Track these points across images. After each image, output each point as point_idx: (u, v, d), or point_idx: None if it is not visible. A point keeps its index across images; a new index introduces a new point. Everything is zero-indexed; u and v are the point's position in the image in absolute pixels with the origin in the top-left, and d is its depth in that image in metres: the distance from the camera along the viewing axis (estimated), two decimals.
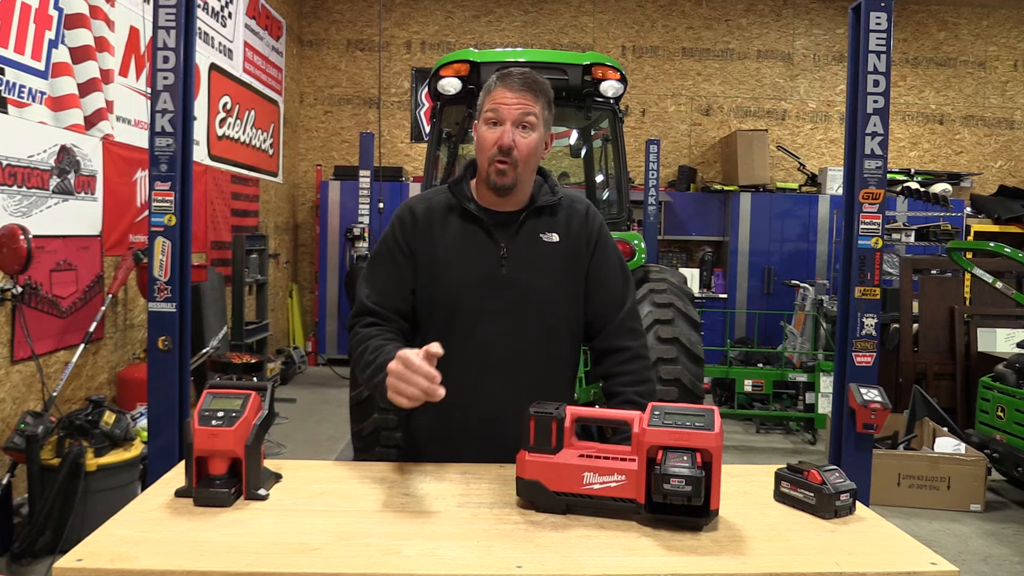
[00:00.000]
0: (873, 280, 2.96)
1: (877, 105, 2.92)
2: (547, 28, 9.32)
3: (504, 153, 1.76)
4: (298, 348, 8.65)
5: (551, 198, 1.89)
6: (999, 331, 6.02)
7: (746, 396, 6.34)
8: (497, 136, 1.77)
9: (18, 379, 3.91)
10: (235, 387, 1.53)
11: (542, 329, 1.85)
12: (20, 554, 3.41)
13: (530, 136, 1.79)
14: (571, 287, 1.89)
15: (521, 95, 1.78)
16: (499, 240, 1.84)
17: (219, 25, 6.61)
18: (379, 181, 7.77)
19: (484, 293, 1.82)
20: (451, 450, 1.83)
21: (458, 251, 1.84)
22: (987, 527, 4.38)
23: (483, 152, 1.80)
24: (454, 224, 1.86)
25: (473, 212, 1.85)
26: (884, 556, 1.32)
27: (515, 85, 1.78)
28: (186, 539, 1.30)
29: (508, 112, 1.77)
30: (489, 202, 1.87)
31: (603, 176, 5.22)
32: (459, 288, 1.83)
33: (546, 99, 1.82)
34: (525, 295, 1.83)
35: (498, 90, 1.79)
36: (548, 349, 1.87)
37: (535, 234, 1.86)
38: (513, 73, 1.81)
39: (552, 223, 1.88)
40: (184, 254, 2.87)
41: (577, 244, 1.89)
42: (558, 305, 1.88)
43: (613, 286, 1.94)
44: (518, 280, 1.83)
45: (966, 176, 9.21)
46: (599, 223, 1.95)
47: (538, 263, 1.85)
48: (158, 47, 2.83)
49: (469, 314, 1.83)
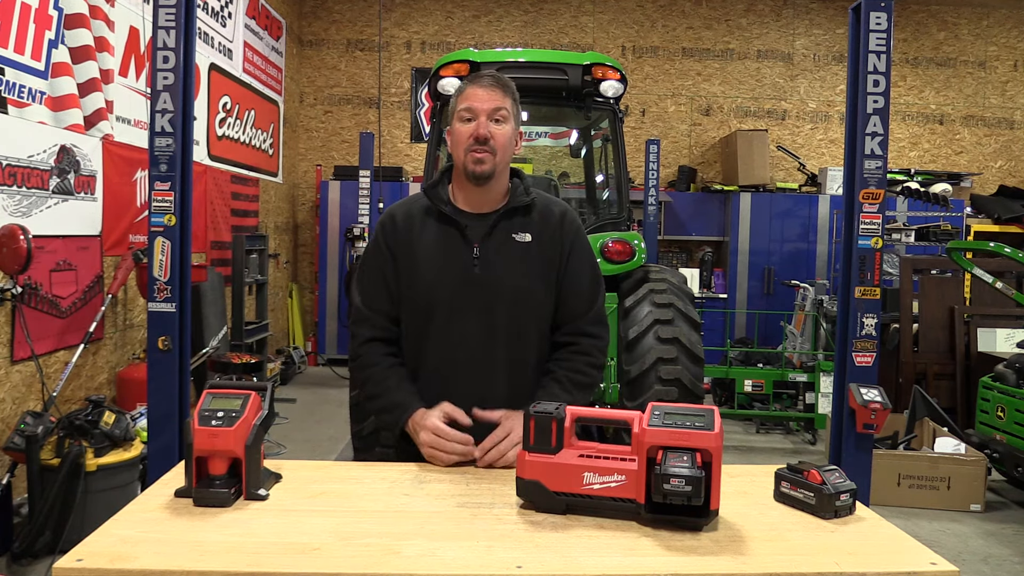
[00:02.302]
0: (873, 280, 2.96)
1: (877, 105, 2.92)
2: (547, 28, 9.32)
3: (481, 142, 1.85)
4: (298, 348, 8.65)
5: (524, 199, 1.95)
6: (999, 331, 6.01)
7: (746, 396, 6.34)
8: (472, 128, 1.86)
9: (18, 379, 3.91)
10: (235, 387, 1.53)
11: (514, 326, 1.92)
12: (20, 554, 3.41)
13: (504, 127, 1.89)
14: (543, 286, 1.95)
15: (491, 91, 1.89)
16: (472, 241, 1.90)
17: (219, 25, 6.60)
18: (379, 181, 7.77)
19: (457, 292, 1.90)
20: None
21: (433, 253, 1.92)
22: (987, 527, 4.38)
23: (459, 145, 1.89)
24: (431, 227, 1.94)
25: (448, 214, 1.92)
26: (884, 556, 1.32)
27: (485, 83, 1.90)
28: (186, 539, 1.30)
29: (481, 107, 1.87)
30: (465, 204, 1.95)
31: (603, 176, 5.22)
32: (434, 288, 1.90)
33: (513, 97, 1.93)
34: (497, 294, 1.90)
35: (469, 89, 1.91)
36: (520, 346, 1.94)
37: (508, 234, 1.93)
38: (483, 74, 1.94)
39: (525, 223, 1.95)
40: (184, 254, 2.87)
41: (551, 246, 1.95)
42: (529, 303, 1.94)
43: (583, 291, 2.01)
44: (490, 279, 1.90)
45: (966, 176, 9.21)
46: (575, 228, 2.01)
47: (510, 262, 1.91)
48: (158, 47, 2.83)
49: (444, 313, 1.91)
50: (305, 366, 8.58)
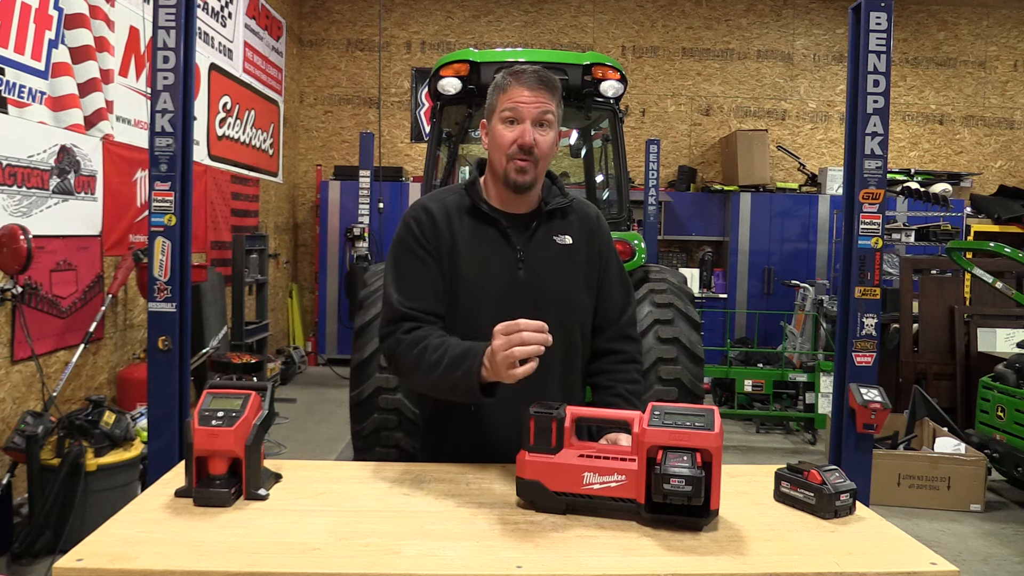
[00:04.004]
0: (873, 280, 2.96)
1: (877, 105, 2.92)
2: (547, 28, 9.32)
3: (526, 152, 1.75)
4: (298, 348, 8.65)
5: (563, 200, 1.89)
6: (999, 331, 6.01)
7: (746, 396, 6.34)
8: (517, 134, 1.75)
9: (18, 379, 3.91)
10: (235, 387, 1.53)
11: (561, 330, 1.80)
12: (20, 554, 3.41)
13: (548, 134, 1.77)
14: (586, 288, 1.91)
15: (538, 93, 1.75)
16: (515, 243, 1.83)
17: (219, 25, 6.60)
18: (379, 181, 7.77)
19: (502, 296, 1.80)
20: (477, 453, 1.79)
21: (475, 253, 1.81)
22: (987, 527, 4.38)
23: (501, 150, 1.77)
24: (469, 226, 1.83)
25: (489, 214, 1.83)
26: (884, 556, 1.32)
27: (532, 83, 1.75)
28: (186, 539, 1.30)
29: (527, 111, 1.74)
30: (501, 203, 1.86)
31: (603, 176, 5.22)
32: (478, 291, 1.80)
33: (559, 96, 1.80)
34: (543, 297, 1.82)
35: (514, 88, 1.76)
36: (568, 350, 1.87)
37: (549, 236, 1.86)
38: (527, 70, 1.77)
39: (564, 225, 1.89)
40: (184, 254, 2.87)
41: (590, 249, 1.91)
42: (575, 306, 1.89)
43: (617, 294, 1.98)
44: (536, 283, 1.83)
45: (966, 176, 9.21)
46: (607, 231, 1.98)
47: (554, 265, 1.85)
48: (158, 47, 2.83)
49: (490, 317, 1.75)
50: (305, 366, 8.58)
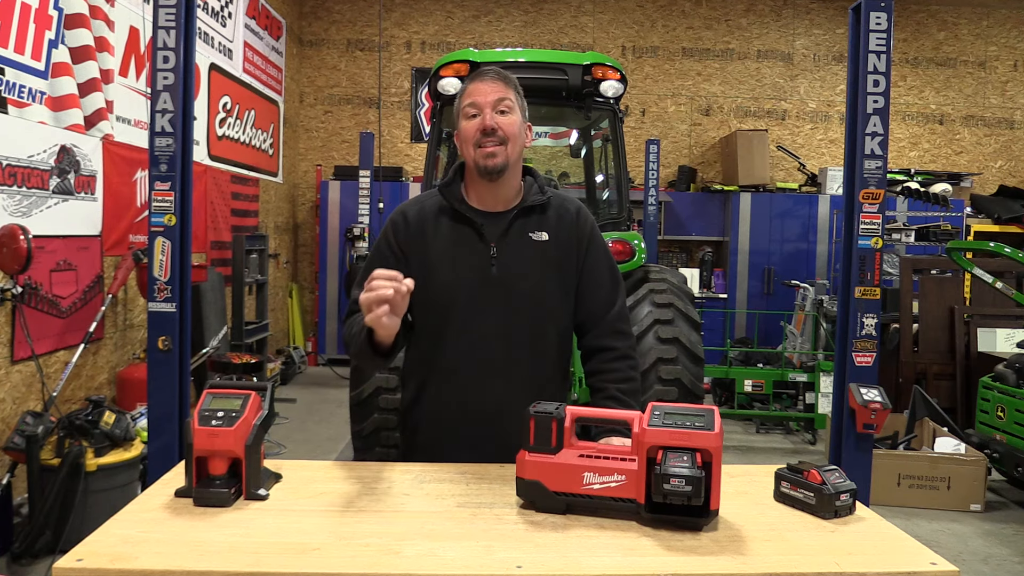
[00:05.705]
0: (873, 280, 2.96)
1: (877, 105, 2.92)
2: (547, 28, 9.32)
3: (489, 134, 1.81)
4: (298, 348, 8.64)
5: (540, 197, 1.92)
6: (999, 331, 6.01)
7: (746, 396, 6.34)
8: (478, 122, 1.83)
9: (18, 379, 3.91)
10: (235, 387, 1.53)
11: (532, 327, 1.89)
12: (20, 554, 3.41)
13: (510, 117, 1.84)
14: (561, 285, 1.92)
15: (493, 83, 1.85)
16: (489, 240, 1.87)
17: (219, 25, 6.60)
18: (379, 181, 7.77)
19: (475, 292, 1.85)
20: (448, 447, 1.86)
21: (449, 252, 1.87)
22: (987, 527, 4.38)
23: (468, 142, 1.84)
24: (445, 226, 1.89)
25: (463, 213, 1.88)
26: (884, 556, 1.32)
27: (486, 78, 1.86)
28: (186, 539, 1.30)
29: (484, 100, 1.83)
30: (479, 203, 1.90)
31: (603, 176, 5.22)
32: (450, 288, 1.86)
33: (516, 89, 1.89)
34: (515, 294, 1.86)
35: (471, 86, 1.87)
36: (539, 346, 1.90)
37: (524, 233, 1.89)
38: (482, 70, 1.90)
39: (541, 221, 1.91)
40: (184, 254, 2.87)
41: (567, 244, 1.92)
42: (547, 303, 1.91)
43: (604, 288, 1.98)
44: (508, 279, 1.86)
45: (966, 176, 9.21)
46: (590, 225, 1.98)
47: (527, 262, 1.88)
48: (158, 47, 2.83)
49: (461, 313, 1.86)
50: (305, 366, 8.58)
